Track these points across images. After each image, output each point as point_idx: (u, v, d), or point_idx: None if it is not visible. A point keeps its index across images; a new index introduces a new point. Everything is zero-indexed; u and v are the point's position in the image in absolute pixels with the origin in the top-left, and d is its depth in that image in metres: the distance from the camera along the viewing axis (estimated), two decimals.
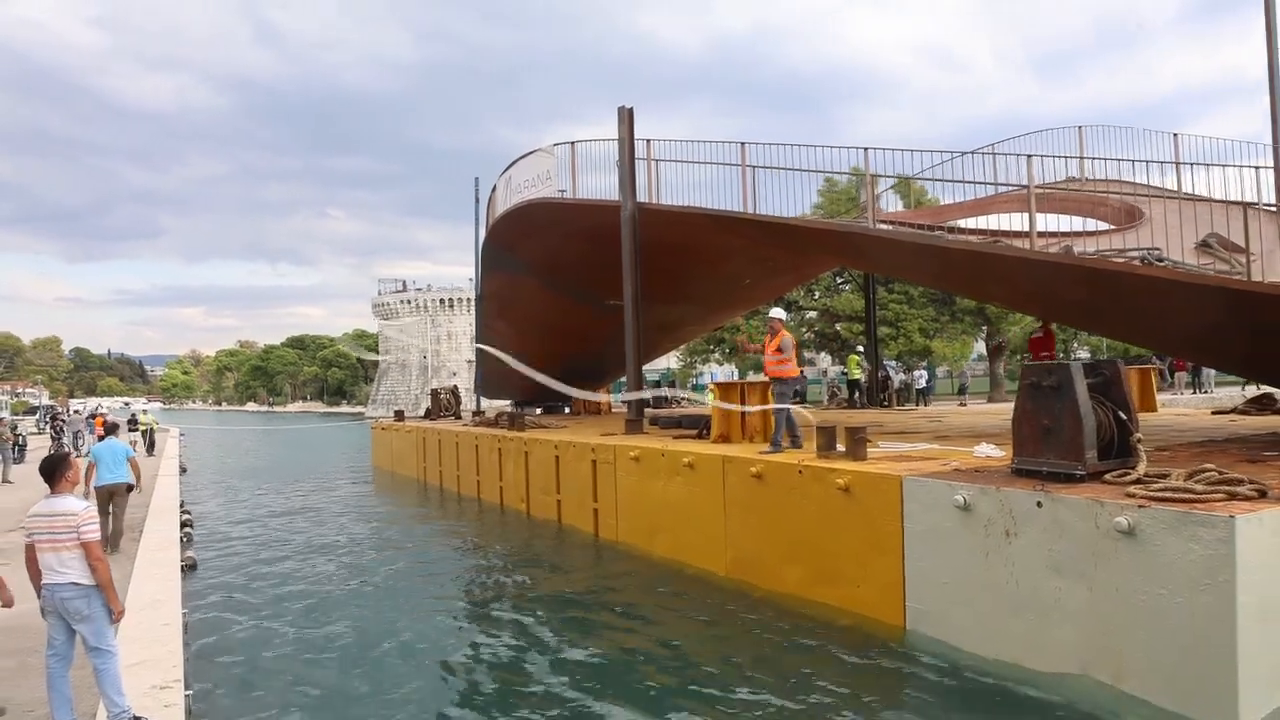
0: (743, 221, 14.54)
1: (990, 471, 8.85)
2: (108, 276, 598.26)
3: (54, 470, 5.77)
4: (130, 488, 12.24)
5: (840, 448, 10.57)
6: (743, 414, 13.20)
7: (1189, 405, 25.77)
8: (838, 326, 38.36)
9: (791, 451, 11.39)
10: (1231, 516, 6.22)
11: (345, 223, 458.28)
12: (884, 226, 14.86)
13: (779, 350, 11.94)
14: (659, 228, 16.87)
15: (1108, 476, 7.81)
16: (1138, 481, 7.52)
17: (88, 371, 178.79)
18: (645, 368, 43.28)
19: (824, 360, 43.18)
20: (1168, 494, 6.94)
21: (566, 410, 29.07)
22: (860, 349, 27.42)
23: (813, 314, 39.72)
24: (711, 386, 14.90)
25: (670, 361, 48.42)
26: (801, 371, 11.71)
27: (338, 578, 12.77)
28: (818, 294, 38.29)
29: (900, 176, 13.58)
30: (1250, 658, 6.22)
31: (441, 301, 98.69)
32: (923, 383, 31.56)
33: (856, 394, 26.30)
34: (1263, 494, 6.91)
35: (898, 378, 30.78)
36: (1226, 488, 6.98)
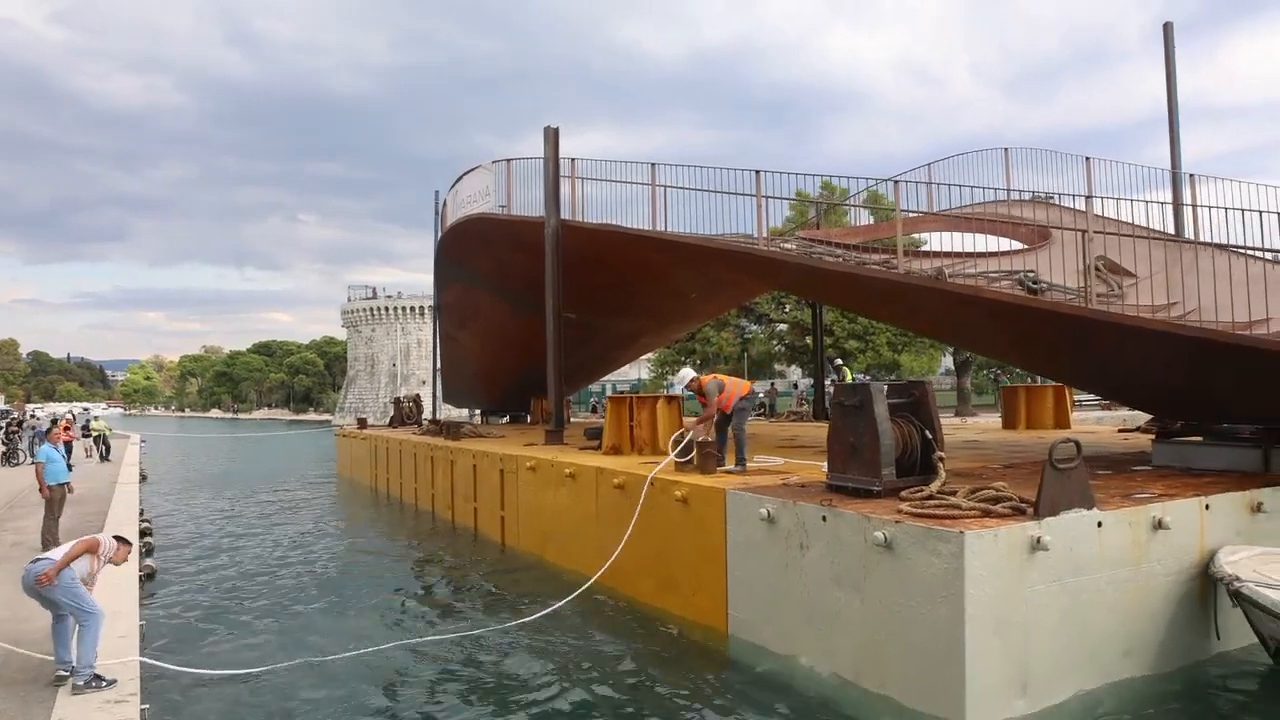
0: (649, 239, 14.98)
1: (808, 486, 9.24)
2: (67, 278, 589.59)
3: None
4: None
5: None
6: (631, 427, 13.62)
7: (1136, 422, 25.91)
8: (808, 339, 38.61)
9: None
10: (961, 532, 6.59)
11: (318, 229, 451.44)
12: (787, 248, 15.28)
13: (705, 397, 12.02)
14: (599, 243, 17.24)
15: (904, 492, 8.16)
16: (929, 498, 7.88)
17: (46, 375, 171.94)
18: (614, 377, 43.93)
19: (794, 373, 43.42)
20: (928, 510, 7.31)
21: (528, 419, 29.46)
22: (838, 361, 27.74)
23: (783, 327, 40.06)
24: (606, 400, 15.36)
25: (641, 372, 48.81)
26: (751, 388, 12.05)
27: (291, 586, 13.11)
28: (788, 307, 38.61)
29: (797, 199, 13.95)
30: (980, 666, 6.58)
31: (411, 309, 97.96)
32: None
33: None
34: (1020, 511, 7.27)
35: None
36: (987, 505, 7.35)
